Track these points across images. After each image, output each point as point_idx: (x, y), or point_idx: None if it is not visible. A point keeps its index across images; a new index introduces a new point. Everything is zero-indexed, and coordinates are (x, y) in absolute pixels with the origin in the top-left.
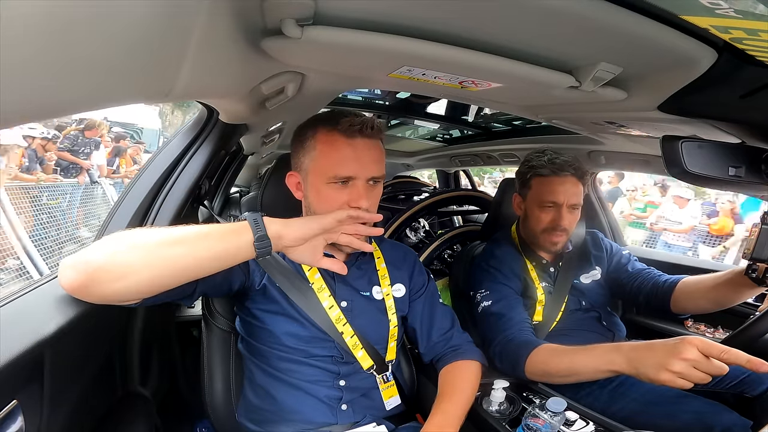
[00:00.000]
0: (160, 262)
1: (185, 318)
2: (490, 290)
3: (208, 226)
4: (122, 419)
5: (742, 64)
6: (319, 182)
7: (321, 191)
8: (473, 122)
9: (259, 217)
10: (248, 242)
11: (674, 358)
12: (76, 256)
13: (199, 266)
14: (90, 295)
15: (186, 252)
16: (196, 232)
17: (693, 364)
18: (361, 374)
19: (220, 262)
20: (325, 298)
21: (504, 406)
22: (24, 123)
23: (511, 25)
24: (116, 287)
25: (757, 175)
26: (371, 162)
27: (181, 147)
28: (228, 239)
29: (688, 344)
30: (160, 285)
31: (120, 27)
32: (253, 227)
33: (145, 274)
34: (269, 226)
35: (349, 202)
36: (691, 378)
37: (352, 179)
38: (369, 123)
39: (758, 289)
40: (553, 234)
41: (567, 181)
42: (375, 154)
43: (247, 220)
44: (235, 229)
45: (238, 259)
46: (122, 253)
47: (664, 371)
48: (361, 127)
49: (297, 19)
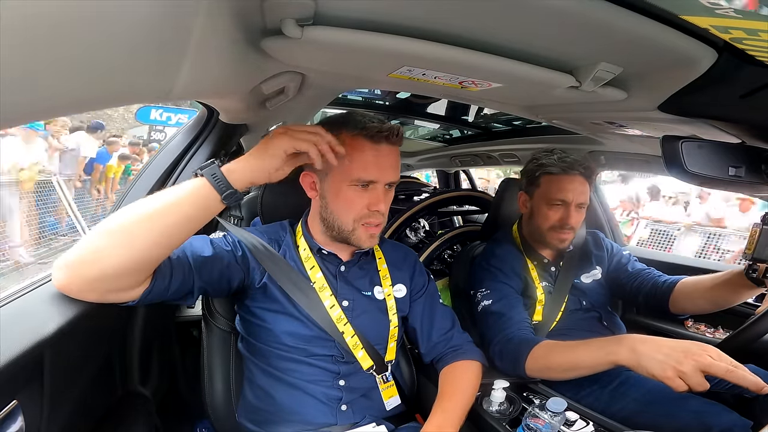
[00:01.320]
0: (128, 239)
1: (185, 318)
2: (490, 289)
3: (168, 193)
4: (122, 419)
5: (742, 64)
6: (340, 183)
7: (341, 192)
8: (473, 122)
9: (218, 172)
10: (215, 200)
11: (687, 359)
12: (61, 257)
13: (169, 234)
14: (79, 290)
15: (151, 225)
16: (158, 203)
17: (701, 368)
18: (360, 374)
19: (189, 224)
20: (327, 297)
21: (504, 406)
22: (24, 123)
23: (511, 25)
24: (94, 273)
25: (757, 175)
26: (391, 167)
27: (181, 147)
28: (192, 202)
29: (703, 350)
30: (138, 260)
31: (120, 27)
32: (215, 186)
33: (117, 254)
34: (232, 176)
35: (368, 205)
36: (691, 382)
37: (373, 183)
38: (395, 131)
39: (757, 289)
40: (560, 232)
41: (576, 179)
42: (395, 160)
43: (206, 179)
44: (197, 191)
45: (208, 217)
46: (93, 241)
47: (671, 368)
48: (388, 134)
49: (297, 19)
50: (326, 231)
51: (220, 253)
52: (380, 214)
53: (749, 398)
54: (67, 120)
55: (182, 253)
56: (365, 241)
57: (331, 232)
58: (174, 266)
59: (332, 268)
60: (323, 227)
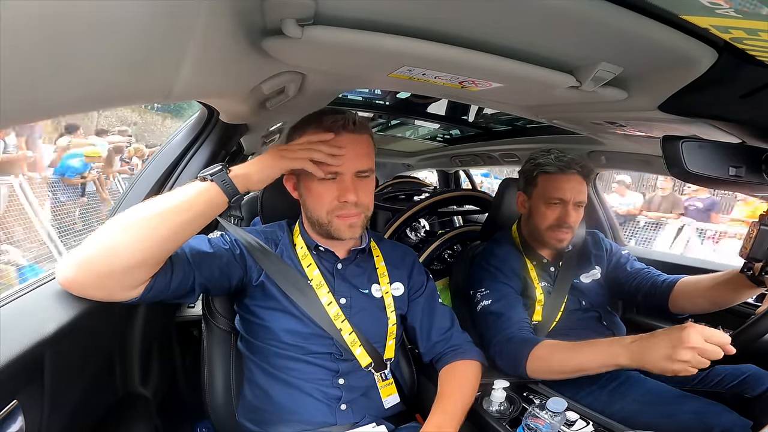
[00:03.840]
0: (141, 234)
1: (185, 318)
2: (490, 289)
3: (180, 193)
4: (122, 419)
5: (742, 64)
6: (311, 180)
7: (313, 188)
8: (473, 122)
9: (227, 177)
10: (223, 201)
11: (681, 348)
12: (69, 254)
13: (180, 231)
14: (85, 286)
15: (164, 221)
16: (171, 201)
17: (699, 352)
18: (360, 372)
19: (198, 221)
20: (324, 295)
21: (504, 406)
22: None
23: (511, 25)
24: (106, 268)
25: (757, 175)
26: (356, 156)
27: (182, 147)
28: (202, 202)
29: (693, 332)
30: (149, 257)
31: (120, 27)
32: (224, 189)
33: (130, 249)
34: (236, 181)
35: (338, 197)
36: (698, 365)
37: (339, 174)
38: (351, 118)
39: (756, 289)
40: (559, 231)
41: (573, 178)
42: (361, 148)
43: (216, 183)
44: (208, 192)
45: (214, 215)
46: (108, 236)
47: (673, 362)
48: (343, 122)
49: (297, 19)
50: (312, 228)
51: (218, 251)
52: (351, 205)
53: (749, 398)
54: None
55: (181, 251)
56: (345, 232)
57: (317, 229)
58: (174, 263)
59: (329, 265)
60: (309, 224)
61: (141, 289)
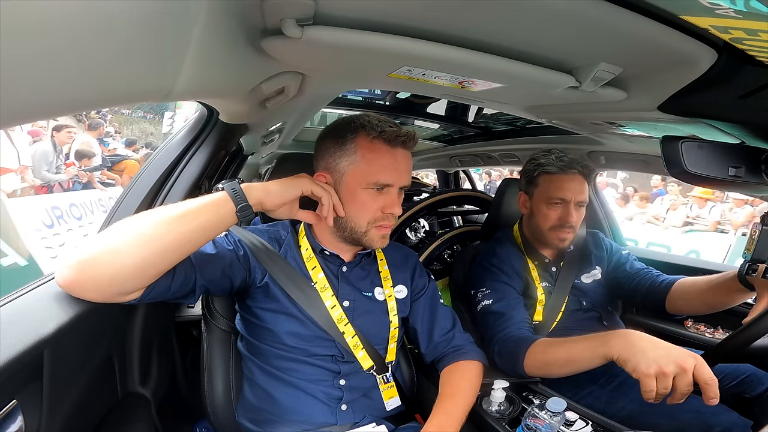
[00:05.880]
0: (145, 241)
1: (185, 318)
2: (491, 289)
3: (188, 202)
4: (122, 419)
5: (742, 64)
6: (355, 186)
7: (357, 195)
8: (473, 122)
9: (238, 186)
10: (230, 212)
11: (671, 362)
12: (69, 254)
13: (184, 241)
14: (84, 289)
15: (170, 229)
16: (178, 210)
17: (680, 378)
18: (361, 374)
19: (205, 233)
20: (328, 298)
21: (504, 406)
22: (24, 123)
23: (511, 25)
24: (106, 274)
25: (757, 175)
26: (406, 171)
27: (181, 147)
28: (210, 211)
29: (690, 357)
30: (151, 265)
31: (120, 27)
32: (233, 198)
33: (132, 255)
34: (250, 194)
35: (383, 208)
36: (664, 389)
37: (388, 187)
38: (411, 136)
39: (750, 293)
40: (560, 231)
41: (574, 178)
42: (409, 164)
43: (226, 191)
44: (216, 201)
45: (221, 229)
46: (110, 241)
47: (656, 366)
48: (405, 138)
49: (297, 19)
50: (337, 232)
51: (222, 252)
52: (394, 217)
53: (749, 398)
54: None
55: None
56: (377, 242)
57: (343, 233)
58: (177, 264)
59: (334, 268)
60: (334, 228)
61: (141, 292)
